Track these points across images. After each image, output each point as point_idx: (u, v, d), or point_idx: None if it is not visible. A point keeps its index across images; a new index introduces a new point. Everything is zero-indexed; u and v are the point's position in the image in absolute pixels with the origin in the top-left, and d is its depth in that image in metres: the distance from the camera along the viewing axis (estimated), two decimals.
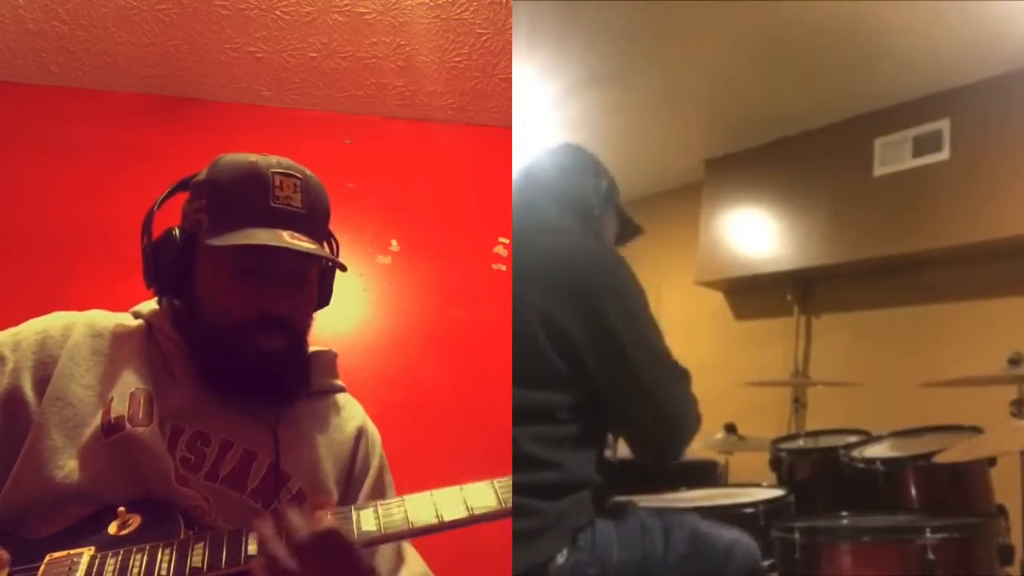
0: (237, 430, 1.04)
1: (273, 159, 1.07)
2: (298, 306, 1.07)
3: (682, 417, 1.17)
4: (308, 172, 1.09)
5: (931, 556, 1.35)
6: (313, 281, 1.11)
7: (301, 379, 1.11)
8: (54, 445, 0.95)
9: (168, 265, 1.05)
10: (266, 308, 1.02)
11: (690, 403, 1.18)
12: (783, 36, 2.22)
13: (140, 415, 0.98)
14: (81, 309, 1.12)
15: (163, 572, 0.86)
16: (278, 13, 2.27)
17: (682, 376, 1.19)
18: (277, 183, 1.04)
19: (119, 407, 0.98)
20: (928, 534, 1.37)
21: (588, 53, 2.31)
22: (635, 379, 1.12)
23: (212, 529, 0.95)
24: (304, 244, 1.01)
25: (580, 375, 1.11)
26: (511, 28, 2.31)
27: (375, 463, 1.18)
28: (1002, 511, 1.69)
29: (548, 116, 2.68)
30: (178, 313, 1.10)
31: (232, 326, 1.02)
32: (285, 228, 1.02)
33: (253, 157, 1.07)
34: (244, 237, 0.99)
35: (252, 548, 0.88)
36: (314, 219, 1.07)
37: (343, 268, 1.09)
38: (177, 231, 1.06)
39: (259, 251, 1.00)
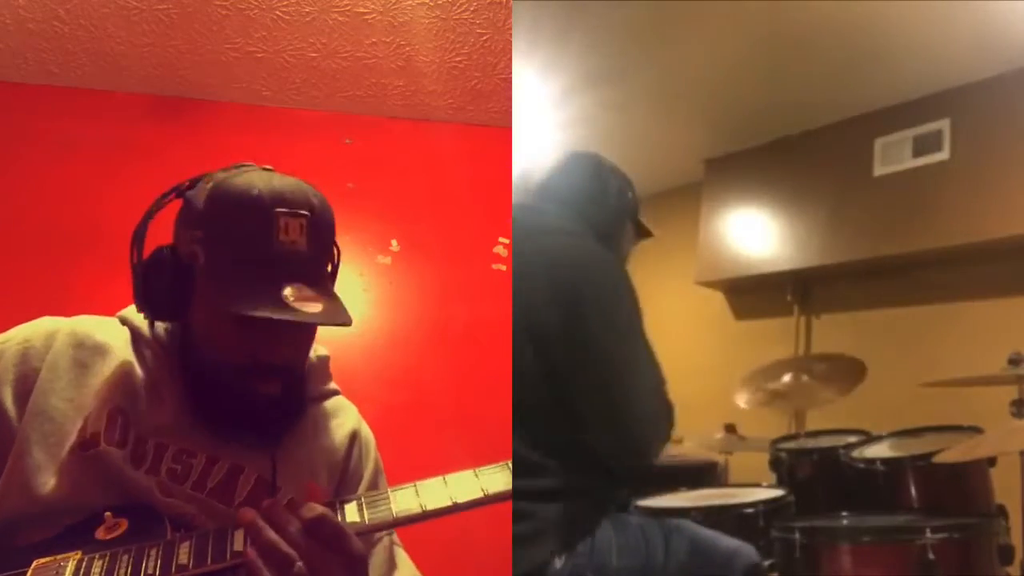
0: (224, 448, 1.02)
1: (277, 186, 0.97)
2: (294, 351, 1.03)
3: (649, 430, 1.14)
4: (313, 198, 1.00)
5: (931, 556, 1.35)
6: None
7: (297, 413, 1.09)
8: (36, 463, 0.94)
9: (160, 291, 0.99)
10: (265, 358, 0.98)
11: (659, 415, 1.16)
12: (783, 36, 2.22)
13: (116, 436, 0.97)
14: (80, 309, 1.11)
15: (150, 571, 0.85)
16: (278, 13, 2.27)
17: (655, 386, 1.16)
18: (282, 225, 0.95)
19: (95, 424, 0.96)
20: (928, 534, 1.37)
21: (588, 53, 2.31)
22: (604, 384, 1.10)
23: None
24: (311, 308, 0.94)
25: (559, 376, 1.10)
26: (511, 28, 2.31)
27: (369, 467, 1.17)
28: (1002, 511, 1.69)
29: (548, 116, 2.68)
30: (171, 335, 1.07)
31: (228, 369, 0.98)
32: (290, 280, 0.95)
33: (256, 188, 0.96)
34: (249, 307, 0.91)
35: (238, 544, 0.88)
36: (319, 257, 1.01)
37: (348, 323, 0.99)
38: (168, 252, 1.00)
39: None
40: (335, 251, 1.10)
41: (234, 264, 0.95)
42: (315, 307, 0.94)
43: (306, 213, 0.97)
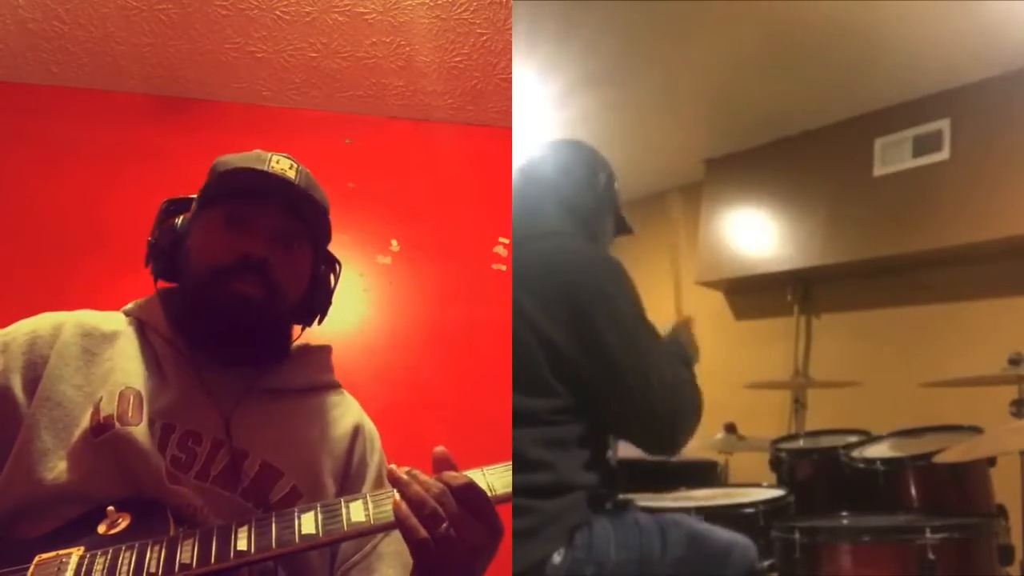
0: (229, 428, 1.03)
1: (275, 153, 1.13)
2: (282, 259, 1.09)
3: (676, 414, 1.16)
4: (309, 172, 1.15)
5: (931, 556, 1.35)
6: (303, 252, 1.13)
7: (278, 339, 1.13)
8: (44, 446, 0.95)
9: (166, 243, 1.10)
10: (244, 249, 1.04)
11: (687, 395, 1.18)
12: (783, 36, 2.22)
13: (130, 413, 0.97)
14: (81, 307, 1.12)
15: (152, 569, 0.85)
16: (278, 13, 2.27)
17: (676, 366, 1.19)
18: (273, 160, 1.10)
19: (108, 406, 0.97)
20: (928, 534, 1.37)
21: (588, 53, 2.31)
22: (623, 382, 1.12)
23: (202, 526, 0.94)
24: (291, 175, 1.09)
25: (569, 378, 1.11)
26: (511, 28, 2.31)
27: (375, 460, 1.18)
28: (1002, 511, 1.69)
29: (548, 116, 2.68)
30: (171, 304, 1.11)
31: (211, 271, 1.05)
32: (277, 193, 1.09)
33: (255, 150, 1.13)
34: (231, 172, 1.08)
35: (241, 544, 0.88)
36: (309, 201, 1.12)
37: (327, 238, 1.16)
38: (180, 218, 1.12)
39: (247, 205, 1.06)
40: (335, 264, 1.21)
41: (230, 182, 1.09)
42: (296, 181, 1.10)
43: (296, 162, 1.12)
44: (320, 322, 1.21)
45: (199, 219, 1.10)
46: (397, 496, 0.89)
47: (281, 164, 1.09)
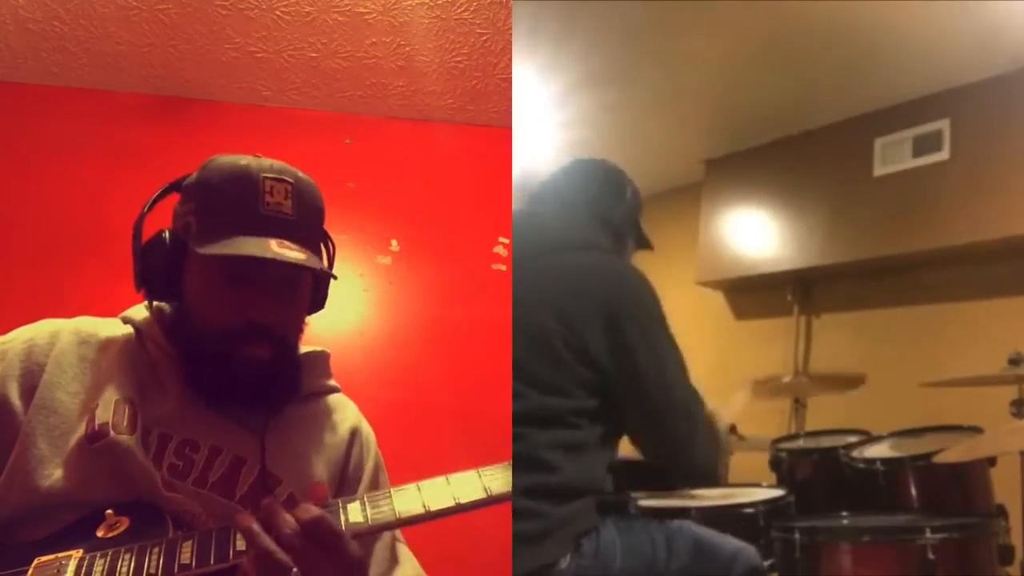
0: (226, 437, 1.03)
1: (265, 162, 1.04)
2: (287, 313, 1.05)
3: (695, 437, 1.19)
4: (301, 175, 1.07)
5: (931, 556, 1.35)
6: (305, 287, 1.09)
7: (289, 386, 1.10)
8: (40, 454, 0.95)
9: (157, 268, 1.03)
10: (252, 316, 1.00)
11: (707, 438, 1.21)
12: (783, 36, 2.22)
13: (124, 424, 0.97)
14: (80, 309, 1.12)
15: (152, 570, 0.85)
16: (278, 13, 2.27)
17: (696, 406, 1.21)
18: (267, 188, 1.02)
19: (103, 414, 0.97)
20: (928, 534, 1.37)
21: (588, 53, 2.31)
22: (652, 403, 1.15)
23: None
24: (293, 253, 0.98)
25: (597, 385, 1.13)
26: (511, 28, 2.31)
27: (370, 464, 1.17)
28: (1002, 511, 1.69)
29: (548, 116, 2.68)
30: (168, 318, 1.09)
31: (218, 334, 1.00)
32: (274, 236, 0.99)
33: (244, 160, 1.04)
34: (231, 247, 0.96)
35: (240, 544, 0.88)
36: (305, 225, 1.05)
37: (333, 277, 1.07)
38: (167, 234, 1.05)
39: (248, 257, 0.97)
40: (328, 241, 1.14)
41: (224, 226, 0.99)
42: (298, 255, 0.99)
43: (291, 180, 1.04)
44: (320, 309, 1.19)
45: (196, 260, 1.02)
46: (391, 498, 0.90)
47: (276, 196, 1.02)
